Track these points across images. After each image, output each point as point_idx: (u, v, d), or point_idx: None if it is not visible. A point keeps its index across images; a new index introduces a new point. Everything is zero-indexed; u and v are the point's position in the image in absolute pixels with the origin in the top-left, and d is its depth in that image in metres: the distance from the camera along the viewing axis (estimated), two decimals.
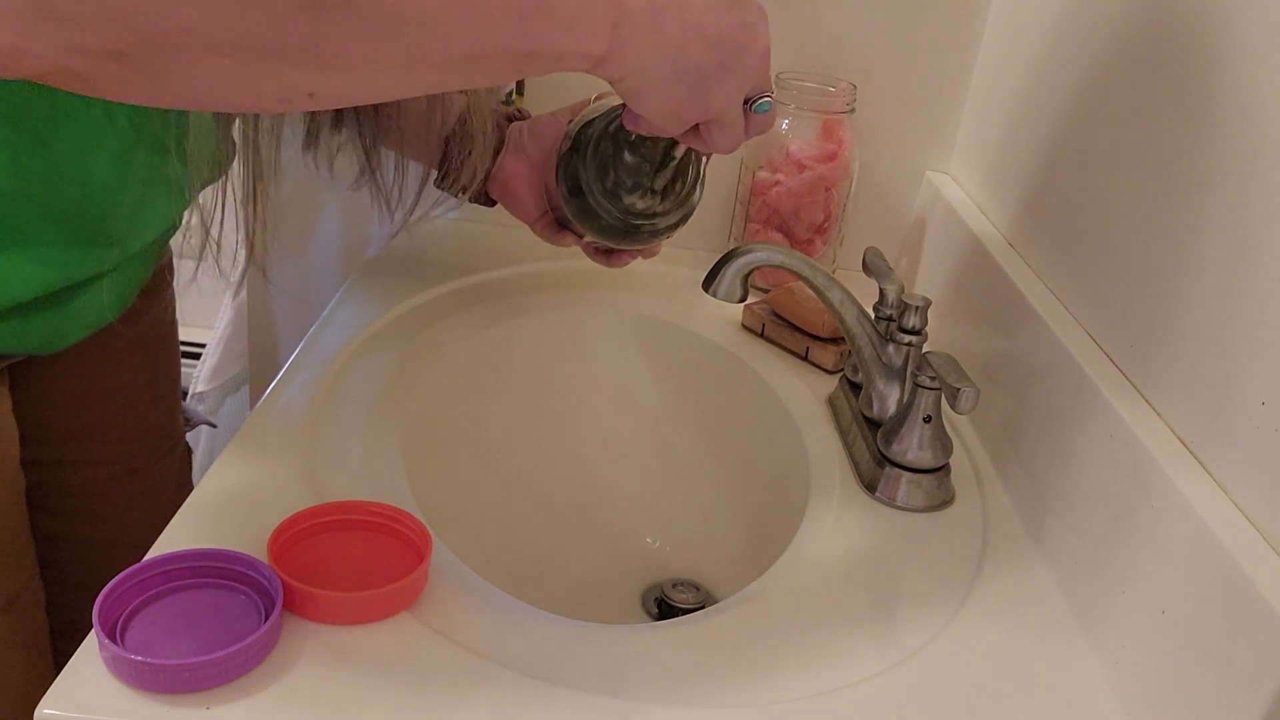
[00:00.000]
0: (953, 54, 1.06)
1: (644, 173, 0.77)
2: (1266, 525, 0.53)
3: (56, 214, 0.69)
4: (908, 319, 0.78)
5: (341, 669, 0.55)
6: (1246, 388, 0.56)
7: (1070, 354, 0.71)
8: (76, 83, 0.44)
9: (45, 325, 0.75)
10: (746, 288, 0.76)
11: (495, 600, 0.62)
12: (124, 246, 0.78)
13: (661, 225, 0.80)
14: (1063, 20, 0.86)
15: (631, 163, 0.77)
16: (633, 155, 0.77)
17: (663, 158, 0.77)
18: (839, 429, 0.84)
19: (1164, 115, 0.68)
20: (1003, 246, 0.90)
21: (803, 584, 0.66)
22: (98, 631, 0.53)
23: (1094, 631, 0.63)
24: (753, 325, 0.98)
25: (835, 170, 1.03)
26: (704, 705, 0.56)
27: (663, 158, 0.77)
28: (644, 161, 0.77)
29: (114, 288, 0.79)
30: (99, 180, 0.66)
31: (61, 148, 0.62)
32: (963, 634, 0.63)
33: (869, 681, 0.58)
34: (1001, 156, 0.96)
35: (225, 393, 1.34)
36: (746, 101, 0.62)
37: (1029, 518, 0.73)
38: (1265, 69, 0.58)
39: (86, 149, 0.63)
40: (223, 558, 0.58)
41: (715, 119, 0.62)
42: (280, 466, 0.70)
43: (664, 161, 0.77)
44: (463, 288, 0.99)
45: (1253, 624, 0.49)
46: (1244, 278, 0.57)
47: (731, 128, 0.63)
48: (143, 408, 0.90)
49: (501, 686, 0.55)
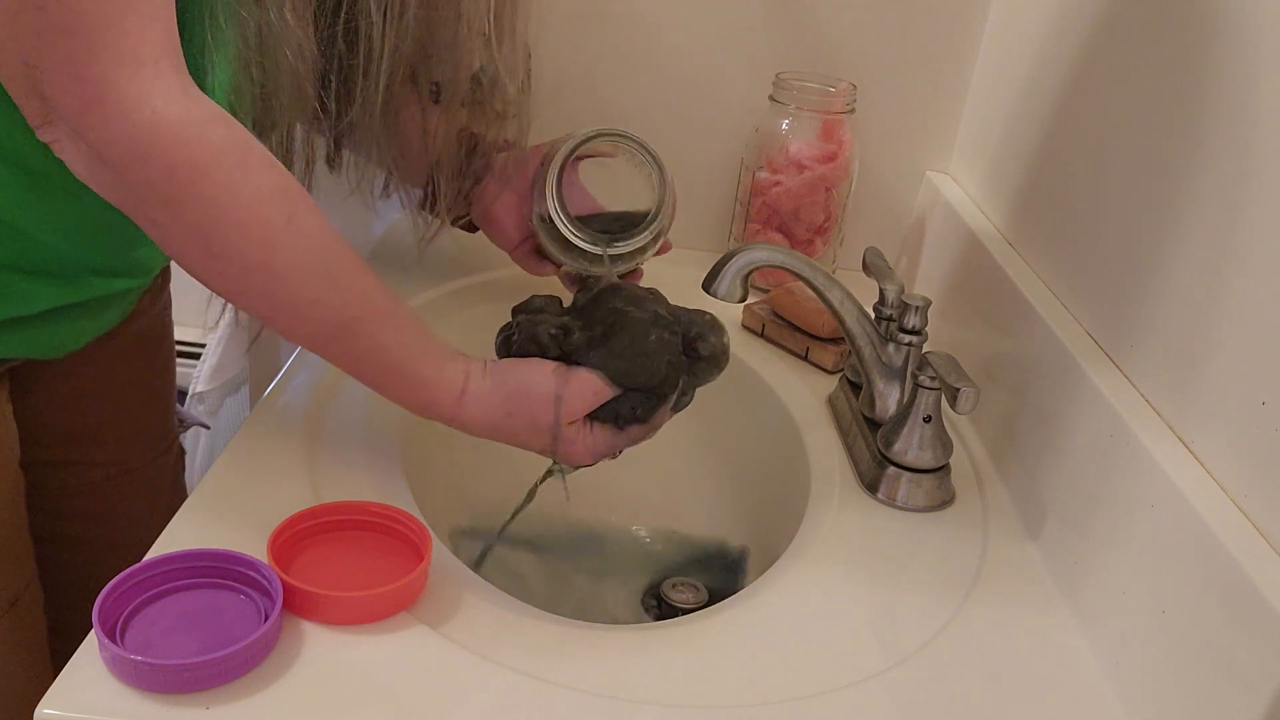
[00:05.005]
0: (953, 54, 1.06)
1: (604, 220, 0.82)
2: (1267, 525, 0.53)
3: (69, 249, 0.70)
4: (908, 319, 0.78)
5: (341, 669, 0.55)
6: (1246, 387, 0.56)
7: (1071, 354, 0.71)
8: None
9: (50, 334, 0.75)
10: (746, 288, 0.76)
11: (495, 600, 0.62)
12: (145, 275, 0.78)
13: (628, 250, 0.82)
14: (1062, 20, 0.86)
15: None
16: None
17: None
18: (839, 429, 0.84)
19: (1164, 114, 0.68)
20: (1003, 246, 0.90)
21: (803, 584, 0.66)
22: (98, 631, 0.52)
23: (1094, 631, 0.62)
24: (753, 325, 0.98)
25: (835, 170, 1.03)
26: (704, 705, 0.56)
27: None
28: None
29: (120, 302, 0.80)
30: (100, 219, 0.66)
31: (62, 187, 0.62)
32: (963, 634, 0.63)
33: (869, 681, 0.58)
34: (1001, 156, 0.96)
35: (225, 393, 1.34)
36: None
37: (1029, 517, 0.73)
38: (1263, 71, 0.58)
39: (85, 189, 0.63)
40: (223, 558, 0.58)
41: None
42: (280, 466, 0.70)
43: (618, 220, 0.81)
44: (463, 288, 0.99)
45: (1253, 624, 0.49)
46: (1244, 278, 0.57)
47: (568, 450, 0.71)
48: (138, 409, 0.91)
49: (501, 686, 0.55)
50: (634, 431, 0.71)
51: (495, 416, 0.68)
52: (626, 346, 0.68)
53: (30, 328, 0.73)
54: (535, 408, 0.68)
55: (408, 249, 1.04)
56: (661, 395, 0.70)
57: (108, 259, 0.74)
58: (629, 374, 0.68)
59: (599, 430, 0.70)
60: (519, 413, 0.68)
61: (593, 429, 0.69)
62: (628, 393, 0.69)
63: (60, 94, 0.54)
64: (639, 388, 0.69)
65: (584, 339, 0.69)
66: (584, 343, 0.69)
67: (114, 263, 0.74)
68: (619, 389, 0.68)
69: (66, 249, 0.70)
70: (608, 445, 0.71)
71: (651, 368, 0.68)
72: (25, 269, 0.69)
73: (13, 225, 0.67)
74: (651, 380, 0.68)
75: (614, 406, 0.69)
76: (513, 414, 0.68)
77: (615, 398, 0.69)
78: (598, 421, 0.69)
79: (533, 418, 0.68)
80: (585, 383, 0.68)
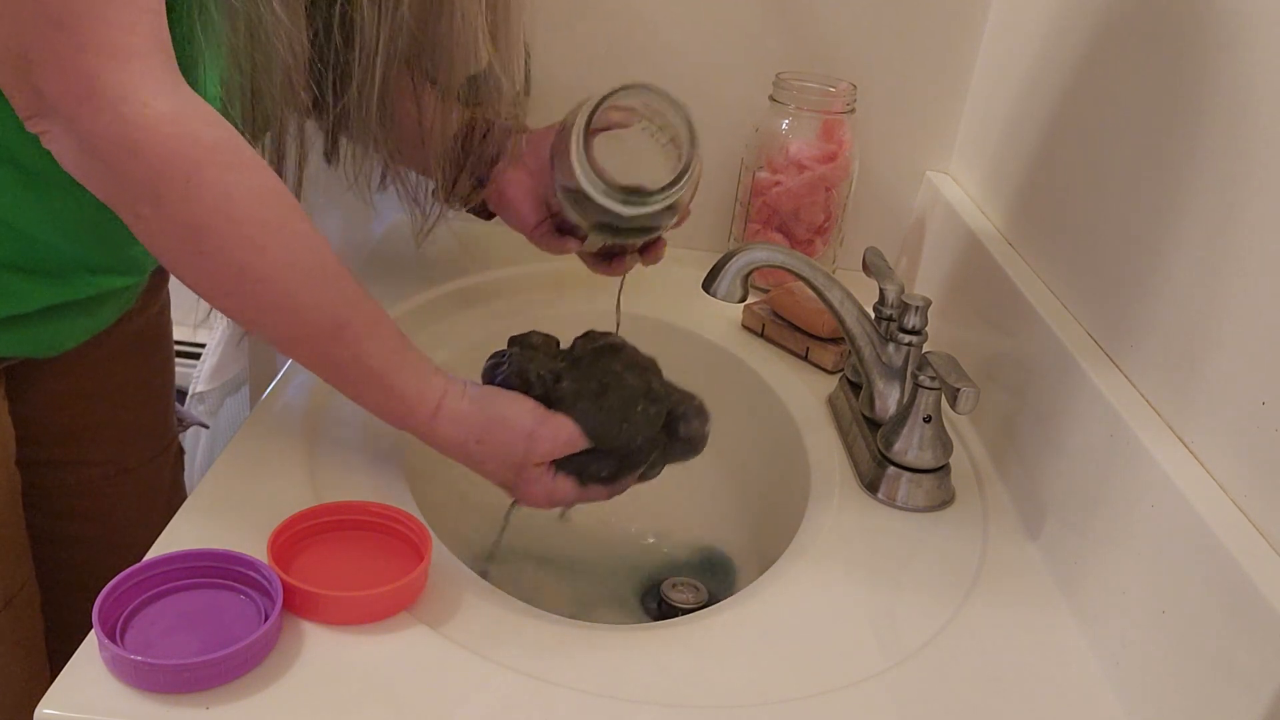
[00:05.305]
0: (953, 54, 1.06)
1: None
2: (1267, 525, 0.53)
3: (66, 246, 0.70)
4: (908, 319, 0.78)
5: (341, 669, 0.55)
6: (1246, 387, 0.56)
7: (1070, 354, 0.71)
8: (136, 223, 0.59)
9: (47, 332, 0.75)
10: (746, 288, 0.76)
11: (495, 600, 0.62)
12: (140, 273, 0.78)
13: (657, 207, 0.78)
14: (1062, 20, 0.86)
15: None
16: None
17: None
18: (839, 429, 0.84)
19: (1164, 114, 0.68)
20: (1003, 246, 0.90)
21: (803, 584, 0.66)
22: (98, 631, 0.52)
23: (1094, 631, 0.62)
24: (753, 325, 0.98)
25: (835, 170, 1.03)
26: (704, 705, 0.56)
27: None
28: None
29: (117, 300, 0.80)
30: (95, 216, 0.66)
31: (58, 184, 0.62)
32: (963, 634, 0.63)
33: (869, 681, 0.58)
34: (1001, 156, 0.96)
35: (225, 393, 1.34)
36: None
37: (1029, 517, 0.73)
38: (1262, 71, 0.58)
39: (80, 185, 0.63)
40: (223, 558, 0.58)
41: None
42: (280, 466, 0.70)
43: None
44: (463, 288, 0.99)
45: (1253, 624, 0.49)
46: (1244, 277, 0.57)
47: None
48: (136, 408, 0.90)
49: (501, 686, 0.55)
50: (595, 490, 0.72)
51: (467, 439, 0.68)
52: (613, 409, 0.69)
53: (26, 326, 0.73)
54: (507, 439, 0.68)
55: (408, 249, 1.04)
56: (632, 464, 0.71)
57: (103, 256, 0.73)
58: (607, 435, 0.69)
59: (561, 479, 0.70)
60: (490, 440, 0.68)
61: (555, 476, 0.70)
62: (599, 452, 0.70)
63: (51, 85, 0.54)
64: (612, 450, 0.70)
65: (572, 389, 0.69)
66: (570, 393, 0.69)
67: (109, 260, 0.74)
68: (592, 445, 0.69)
69: (62, 246, 0.70)
70: (566, 496, 0.71)
71: (630, 435, 0.69)
72: (21, 267, 0.69)
73: (8, 223, 0.67)
74: (626, 447, 0.70)
75: (583, 461, 0.70)
76: (484, 440, 0.68)
77: (586, 453, 0.69)
78: (562, 472, 0.70)
79: (502, 449, 0.68)
80: (561, 429, 0.68)
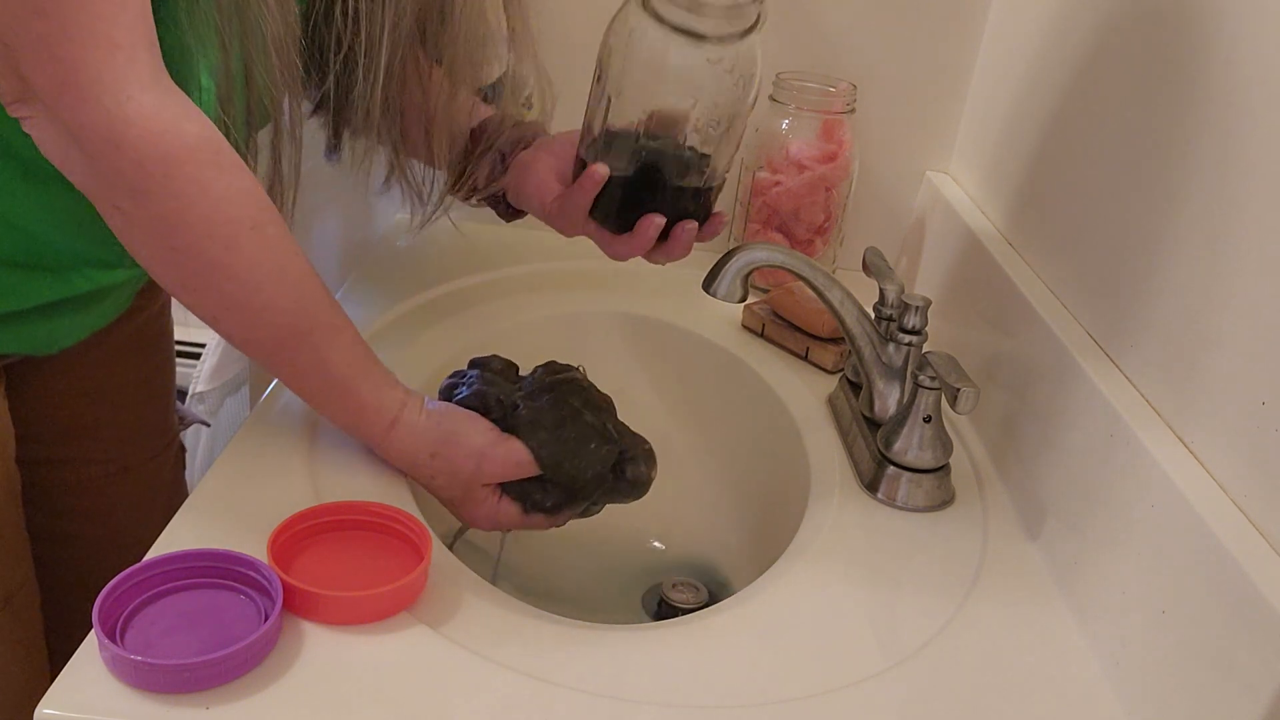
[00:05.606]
0: (953, 54, 1.06)
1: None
2: (1267, 525, 0.53)
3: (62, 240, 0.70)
4: (908, 319, 0.78)
5: (341, 669, 0.55)
6: (1246, 387, 0.56)
7: (1070, 353, 0.71)
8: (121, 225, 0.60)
9: (46, 329, 0.75)
10: (746, 288, 0.76)
11: (495, 600, 0.62)
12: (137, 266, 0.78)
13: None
14: (1061, 20, 0.86)
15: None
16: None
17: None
18: (839, 429, 0.84)
19: (1163, 114, 0.68)
20: (1002, 246, 0.90)
21: (803, 584, 0.66)
22: (98, 631, 0.52)
23: (1094, 630, 0.62)
24: (753, 325, 0.98)
25: (835, 170, 1.03)
26: (704, 705, 0.56)
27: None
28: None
29: (116, 296, 0.80)
30: (91, 208, 0.66)
31: (55, 176, 0.62)
32: (963, 634, 0.63)
33: (869, 681, 0.58)
34: (1001, 156, 0.96)
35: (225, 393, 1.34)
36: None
37: (1029, 517, 0.73)
38: (1260, 71, 0.58)
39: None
40: (223, 558, 0.58)
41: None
42: (280, 466, 0.70)
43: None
44: (462, 288, 0.99)
45: (1253, 624, 0.49)
46: (1243, 277, 0.57)
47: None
48: (137, 406, 0.90)
49: (501, 686, 0.55)
50: (535, 519, 0.73)
51: (420, 453, 0.69)
52: (567, 441, 0.70)
53: (25, 323, 0.73)
54: (459, 457, 0.69)
55: (408, 249, 1.04)
56: (577, 498, 0.72)
57: (100, 250, 0.73)
58: (559, 467, 0.70)
59: (505, 503, 0.71)
60: (443, 455, 0.69)
61: (501, 500, 0.71)
62: (547, 483, 0.71)
63: (35, 73, 0.55)
64: (560, 482, 0.71)
65: (529, 418, 0.71)
66: (527, 421, 0.71)
67: (106, 253, 0.74)
68: (541, 474, 0.70)
69: (58, 240, 0.70)
70: (509, 520, 0.72)
71: (580, 470, 0.71)
72: (18, 263, 0.69)
73: (5, 218, 0.67)
74: (575, 482, 0.71)
75: (528, 488, 0.71)
76: (436, 455, 0.69)
77: (535, 481, 0.71)
78: (508, 496, 0.71)
79: (453, 466, 0.69)
80: (513, 452, 0.70)
